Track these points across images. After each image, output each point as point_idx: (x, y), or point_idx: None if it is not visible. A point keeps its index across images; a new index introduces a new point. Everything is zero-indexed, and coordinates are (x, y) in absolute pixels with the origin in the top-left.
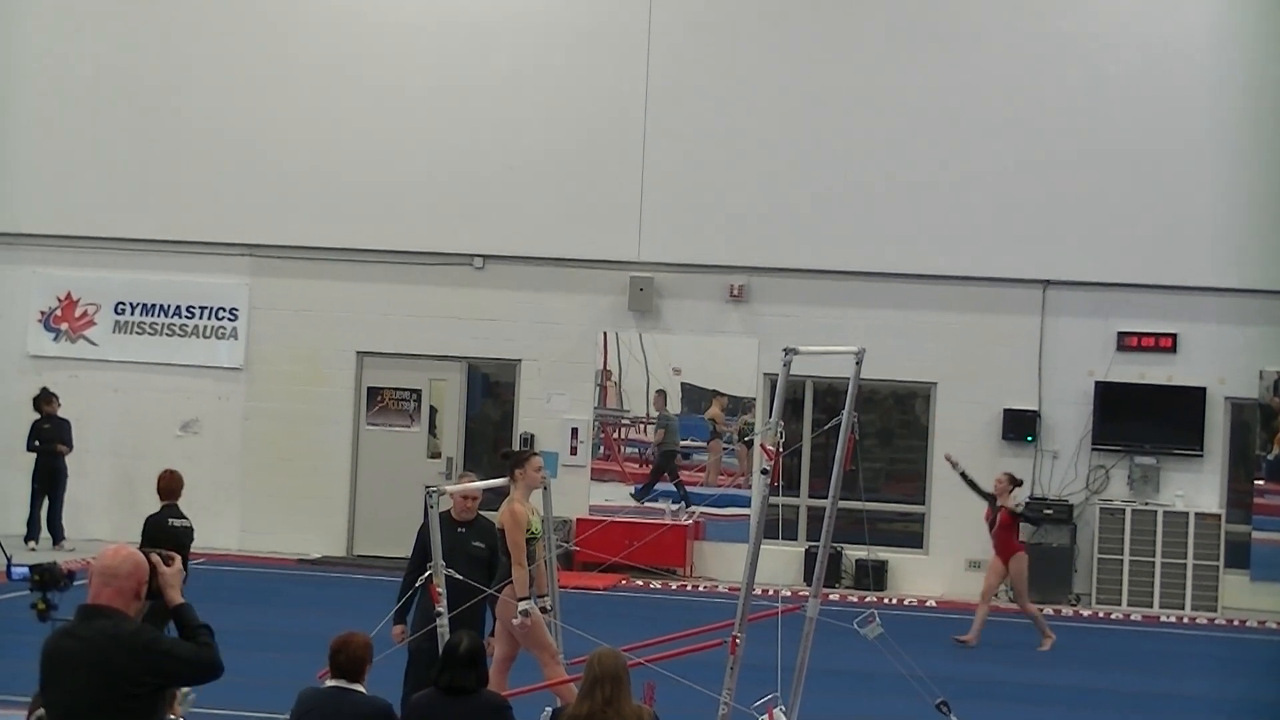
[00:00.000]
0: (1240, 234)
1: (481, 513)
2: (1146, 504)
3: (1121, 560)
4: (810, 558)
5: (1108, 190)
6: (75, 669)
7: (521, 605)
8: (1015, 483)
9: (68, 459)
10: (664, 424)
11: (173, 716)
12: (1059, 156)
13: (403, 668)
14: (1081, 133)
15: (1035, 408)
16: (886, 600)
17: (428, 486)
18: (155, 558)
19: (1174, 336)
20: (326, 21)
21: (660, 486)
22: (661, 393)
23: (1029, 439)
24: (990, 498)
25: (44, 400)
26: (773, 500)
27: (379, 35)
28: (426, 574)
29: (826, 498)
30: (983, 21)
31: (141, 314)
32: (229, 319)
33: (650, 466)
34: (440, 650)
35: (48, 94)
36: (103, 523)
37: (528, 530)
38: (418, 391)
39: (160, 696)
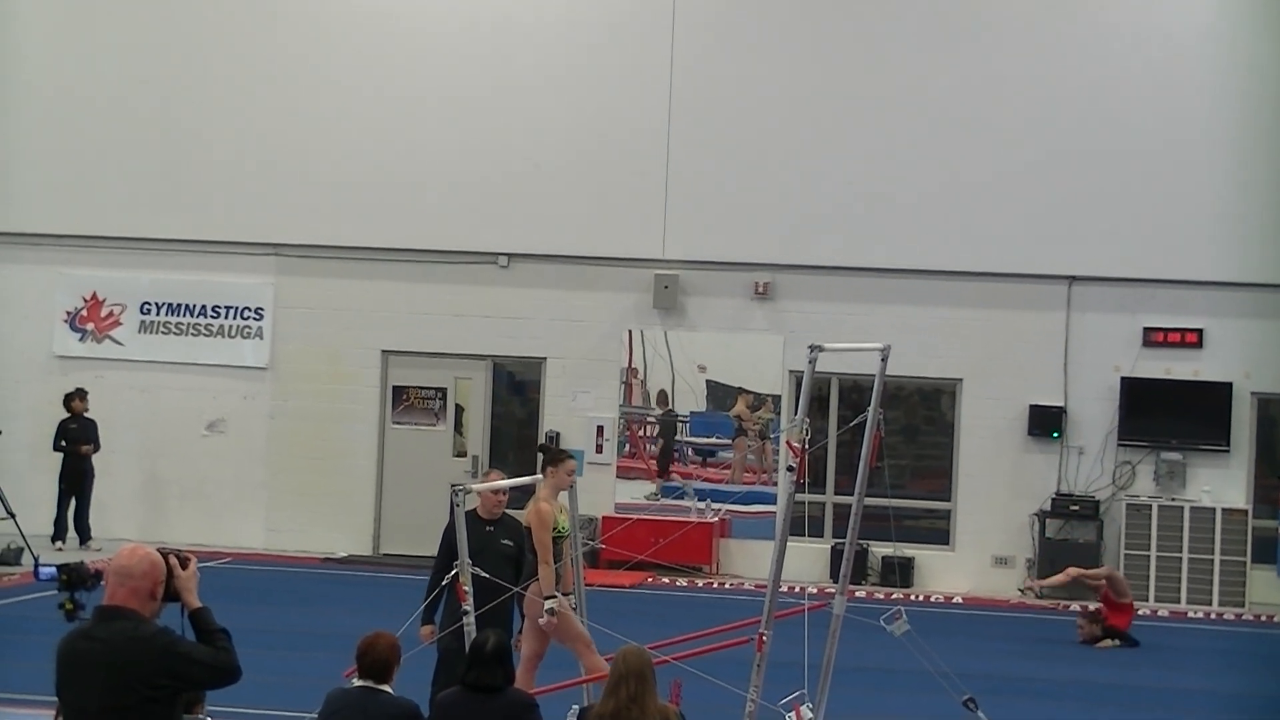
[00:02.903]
0: (1266, 229)
1: (509, 511)
2: (1173, 500)
3: (1148, 556)
4: (836, 554)
5: (1133, 186)
6: (92, 671)
7: (548, 603)
8: (1093, 618)
9: (94, 459)
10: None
11: (201, 717)
12: (1083, 152)
13: (430, 667)
14: (1106, 128)
15: (1061, 404)
16: (913, 597)
17: (453, 485)
18: (172, 559)
19: (1200, 332)
20: (352, 21)
21: (688, 484)
22: (663, 393)
23: (1055, 435)
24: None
25: (75, 398)
26: (799, 497)
27: (404, 35)
28: (453, 572)
29: (852, 494)
30: (1006, 18)
31: (167, 314)
32: (254, 318)
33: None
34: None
35: (70, 95)
36: (129, 523)
37: (555, 529)
38: (443, 390)
39: (177, 700)
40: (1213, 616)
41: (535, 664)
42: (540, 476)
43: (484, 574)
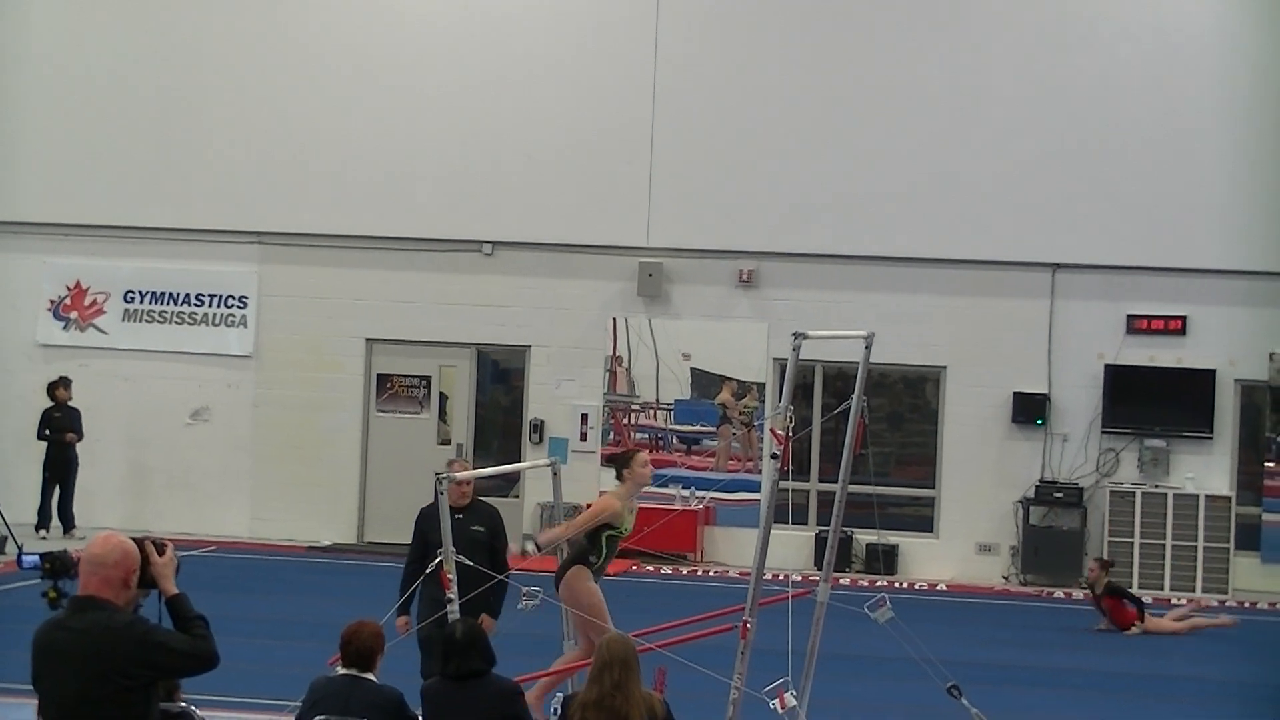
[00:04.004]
0: (1250, 216)
1: (481, 498)
2: (1157, 487)
3: (1132, 543)
4: (821, 542)
5: (1117, 173)
6: (68, 661)
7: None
8: (1105, 566)
9: (78, 447)
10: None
11: (181, 704)
12: (1068, 139)
13: (411, 656)
14: (1091, 116)
15: (1045, 391)
16: (897, 584)
17: (438, 473)
18: (148, 546)
19: (1184, 319)
20: (337, 8)
21: (672, 472)
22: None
23: (1039, 422)
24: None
25: (59, 386)
26: (783, 485)
27: (390, 22)
28: (436, 560)
29: (836, 482)
30: (992, 8)
31: (151, 302)
32: (239, 307)
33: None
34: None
35: (57, 82)
36: (113, 511)
37: (617, 529)
38: (427, 378)
39: (154, 688)
40: (1197, 603)
41: (586, 657)
42: (619, 481)
43: (468, 562)
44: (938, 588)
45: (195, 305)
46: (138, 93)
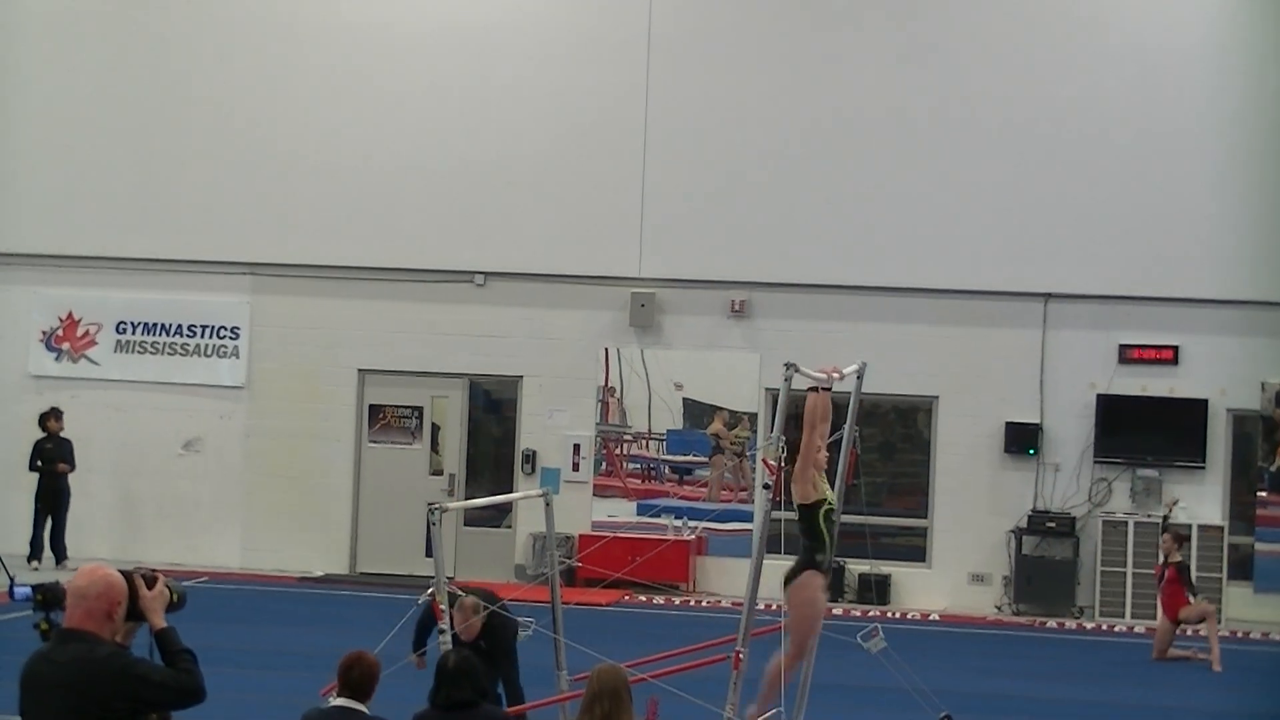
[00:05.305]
0: (1241, 245)
1: (492, 616)
2: (1149, 516)
3: (1124, 573)
4: None
5: (1108, 203)
6: (51, 693)
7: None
8: (1180, 540)
9: (70, 478)
10: None
11: None
12: (1059, 169)
13: (397, 687)
14: (1081, 145)
15: (1037, 421)
16: (890, 614)
17: (430, 504)
18: (137, 579)
19: (1175, 349)
20: (327, 40)
21: (664, 502)
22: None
23: (1031, 452)
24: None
25: (51, 417)
26: (775, 515)
27: (380, 55)
28: (429, 590)
29: None
30: (982, 35)
31: (143, 333)
32: (230, 337)
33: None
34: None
35: (48, 113)
36: (105, 542)
37: (829, 503)
38: (419, 409)
39: None
40: (1189, 633)
41: (794, 662)
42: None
43: (460, 593)
44: (930, 618)
45: (187, 336)
46: (130, 123)
